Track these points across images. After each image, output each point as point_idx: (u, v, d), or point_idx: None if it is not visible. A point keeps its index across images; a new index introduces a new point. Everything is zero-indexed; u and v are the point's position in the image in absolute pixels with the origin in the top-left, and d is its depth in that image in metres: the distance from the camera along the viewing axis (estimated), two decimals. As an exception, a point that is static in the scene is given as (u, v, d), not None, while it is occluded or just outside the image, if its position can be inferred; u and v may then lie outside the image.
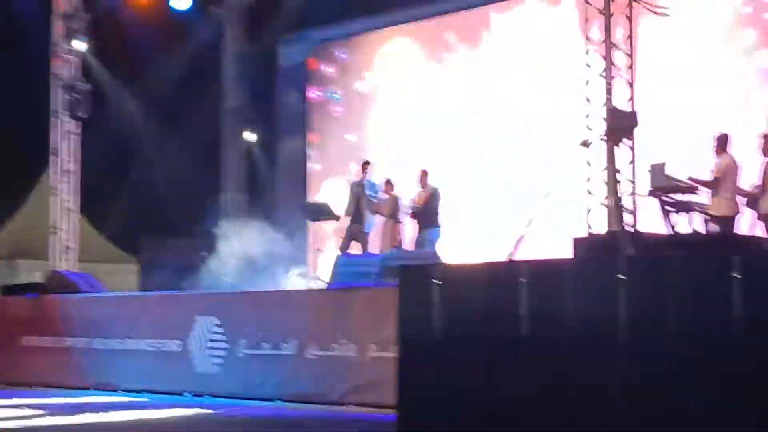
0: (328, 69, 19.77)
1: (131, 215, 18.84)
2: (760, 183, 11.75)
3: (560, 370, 6.39)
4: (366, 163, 15.26)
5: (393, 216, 14.66)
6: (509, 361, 6.63)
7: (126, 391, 12.28)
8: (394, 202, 14.77)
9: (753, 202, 11.82)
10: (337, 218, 14.97)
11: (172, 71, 18.40)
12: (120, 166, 18.95)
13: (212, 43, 19.65)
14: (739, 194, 11.83)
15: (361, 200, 14.83)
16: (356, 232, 14.86)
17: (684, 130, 13.59)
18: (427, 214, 14.29)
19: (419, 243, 14.14)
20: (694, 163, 12.18)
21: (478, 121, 16.98)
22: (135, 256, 19.22)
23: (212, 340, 11.77)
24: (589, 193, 10.89)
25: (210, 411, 10.35)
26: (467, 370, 6.77)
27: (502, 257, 8.79)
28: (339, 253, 14.07)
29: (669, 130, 12.01)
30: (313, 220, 14.84)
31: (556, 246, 8.11)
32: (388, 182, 14.96)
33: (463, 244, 14.97)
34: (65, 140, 17.23)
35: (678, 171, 11.96)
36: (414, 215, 14.42)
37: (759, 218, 11.72)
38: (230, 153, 19.95)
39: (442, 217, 14.31)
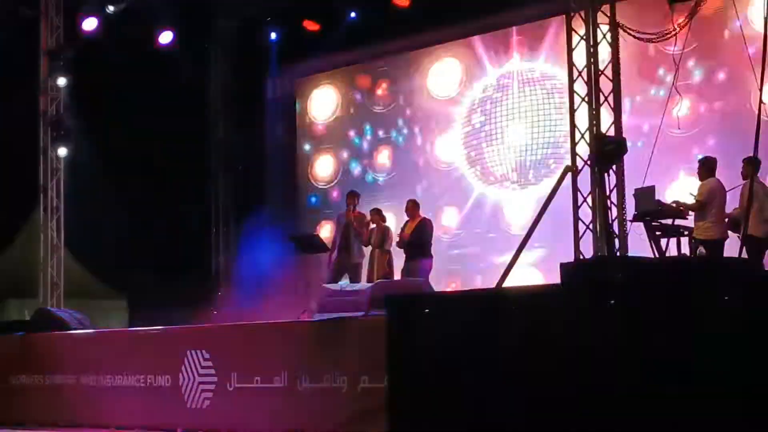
0: (315, 99, 19.82)
1: (120, 250, 18.79)
2: (738, 206, 11.82)
3: (551, 398, 6.36)
4: (351, 194, 15.26)
5: (382, 246, 14.67)
6: (499, 389, 6.60)
7: (118, 428, 12.19)
8: (383, 232, 14.77)
9: (735, 224, 11.89)
10: (326, 250, 14.97)
11: (156, 105, 18.42)
12: (107, 201, 18.92)
13: (198, 76, 19.69)
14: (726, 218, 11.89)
15: (348, 231, 14.83)
16: (345, 263, 14.85)
17: (672, 154, 13.66)
18: (415, 244, 14.30)
19: (407, 273, 14.13)
20: (683, 187, 12.26)
21: (466, 148, 17.05)
22: (123, 291, 19.17)
23: (202, 375, 11.70)
24: (579, 218, 10.89)
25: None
26: (457, 399, 6.74)
27: (492, 285, 8.80)
28: (327, 284, 14.05)
29: (657, 154, 12.07)
30: (302, 253, 14.82)
31: (546, 272, 8.11)
32: (377, 212, 14.97)
33: (456, 274, 15.00)
34: (53, 178, 17.23)
35: (666, 195, 12.03)
36: (400, 245, 14.44)
37: (740, 238, 11.76)
38: (218, 185, 19.94)
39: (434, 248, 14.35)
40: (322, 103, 19.70)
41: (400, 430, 7.01)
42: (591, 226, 10.74)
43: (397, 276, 14.41)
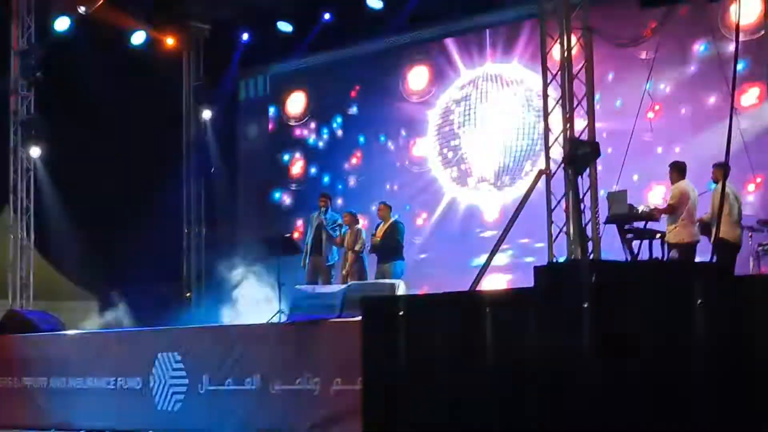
0: (289, 101, 19.76)
1: (90, 251, 18.66)
2: (709, 210, 11.91)
3: (527, 401, 6.35)
4: (324, 196, 15.27)
5: (354, 248, 14.67)
6: (475, 392, 6.58)
7: (88, 430, 12.11)
8: (356, 234, 14.77)
9: (706, 228, 11.98)
10: (299, 251, 14.94)
11: (129, 106, 18.31)
12: (77, 202, 18.79)
13: (171, 77, 19.60)
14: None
15: (319, 233, 14.82)
16: (318, 264, 14.84)
17: (646, 157, 13.74)
18: (388, 247, 14.31)
19: (380, 275, 14.14)
20: (654, 191, 12.34)
21: (437, 153, 17.06)
22: (94, 292, 19.04)
23: (174, 377, 11.65)
24: (552, 221, 10.93)
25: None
26: (432, 401, 6.72)
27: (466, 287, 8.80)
28: (301, 286, 14.02)
29: (631, 157, 12.14)
30: (275, 254, 14.77)
31: (520, 275, 8.12)
32: (350, 214, 14.97)
33: (429, 276, 15.01)
34: (23, 178, 17.11)
35: (638, 199, 12.09)
36: (373, 249, 14.45)
37: (712, 243, 11.84)
38: (191, 186, 19.84)
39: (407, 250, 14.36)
40: (295, 104, 19.65)
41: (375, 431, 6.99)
42: (564, 229, 10.77)
43: (371, 278, 14.41)
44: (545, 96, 11.10)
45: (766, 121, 13.69)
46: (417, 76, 17.95)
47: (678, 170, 12.22)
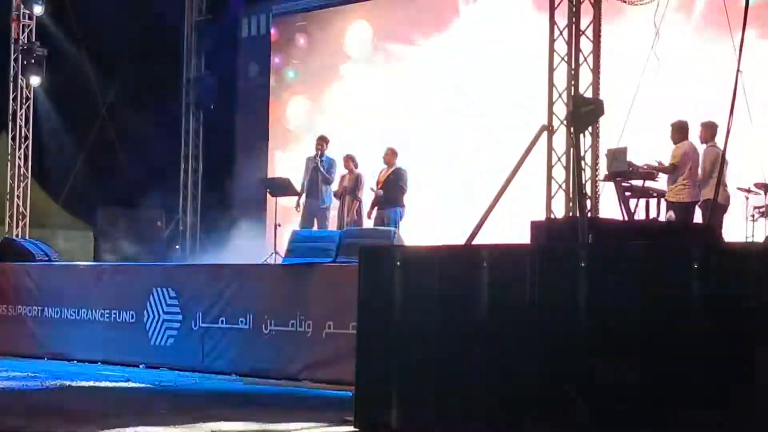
0: (292, 43, 19.62)
1: (87, 182, 18.70)
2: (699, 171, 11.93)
3: (520, 356, 6.43)
4: (321, 139, 15.17)
5: (353, 193, 14.65)
6: (468, 344, 6.66)
7: (80, 361, 12.21)
8: (356, 178, 14.74)
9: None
10: (298, 194, 14.94)
11: (130, 39, 18.22)
12: (76, 133, 18.77)
13: (173, 12, 19.45)
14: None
15: (316, 175, 14.78)
16: (313, 207, 14.83)
17: (648, 117, 13.69)
18: (389, 192, 14.29)
19: (379, 221, 14.16)
20: (656, 149, 12.31)
21: (444, 104, 16.96)
22: (90, 223, 19.09)
23: (168, 312, 11.73)
24: (552, 178, 10.95)
25: (164, 383, 10.32)
26: (426, 352, 6.80)
27: (463, 240, 8.83)
28: (297, 228, 14.06)
29: (633, 117, 12.10)
30: (274, 196, 14.78)
31: (518, 231, 8.14)
32: (349, 158, 14.92)
33: (426, 227, 14.99)
34: (22, 106, 17.07)
35: (638, 157, 12.08)
36: (375, 193, 14.41)
37: (699, 205, 11.90)
38: (189, 124, 19.79)
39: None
40: (297, 45, 19.50)
41: (367, 378, 7.07)
42: (563, 186, 10.79)
43: (368, 224, 14.43)
44: (551, 51, 11.06)
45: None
46: (419, 22, 17.77)
47: (680, 130, 12.21)
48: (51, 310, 12.90)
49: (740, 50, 9.13)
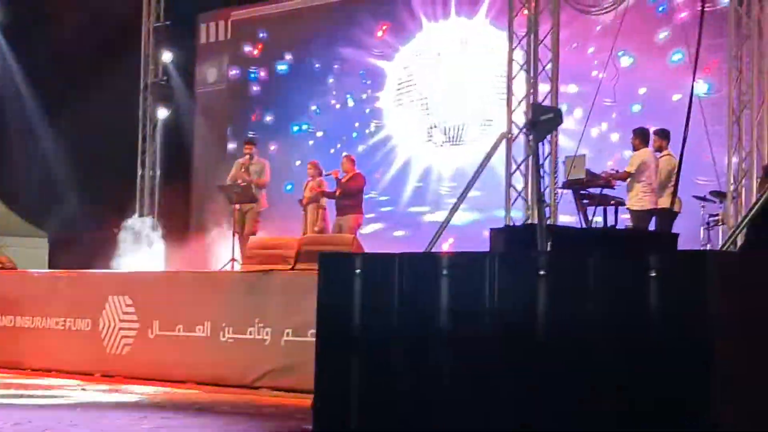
0: (249, 48, 19.56)
1: (42, 189, 18.50)
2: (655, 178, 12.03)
3: (479, 363, 6.42)
4: (248, 141, 15.09)
5: (317, 200, 14.61)
6: (427, 351, 6.64)
7: (34, 370, 12.06)
8: (319, 185, 14.71)
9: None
10: (256, 200, 14.83)
11: (86, 43, 18.06)
12: (30, 139, 18.57)
13: (130, 16, 19.30)
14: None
15: (248, 178, 14.60)
16: (246, 211, 14.61)
17: (605, 125, 13.80)
18: (347, 199, 14.29)
19: (338, 228, 14.14)
20: (614, 157, 12.40)
21: (404, 112, 16.97)
22: (45, 230, 18.89)
23: (124, 321, 11.61)
24: (511, 185, 10.99)
25: (119, 392, 10.21)
26: (385, 359, 6.77)
27: (423, 248, 8.84)
28: (235, 234, 14.03)
29: (590, 125, 12.18)
30: (231, 203, 14.68)
31: (478, 238, 8.17)
32: (314, 165, 14.89)
33: (386, 233, 15.01)
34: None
35: (596, 165, 12.16)
36: (332, 195, 14.35)
37: (655, 213, 11.99)
38: (147, 129, 19.63)
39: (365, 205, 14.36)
40: (254, 51, 19.43)
41: (326, 386, 7.03)
42: (523, 194, 10.83)
43: (330, 232, 14.39)
44: (510, 60, 11.09)
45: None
46: (378, 29, 17.80)
47: (641, 137, 12.28)
48: (4, 319, 12.73)
49: (695, 61, 9.23)
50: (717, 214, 12.43)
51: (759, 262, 6.33)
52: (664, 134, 12.13)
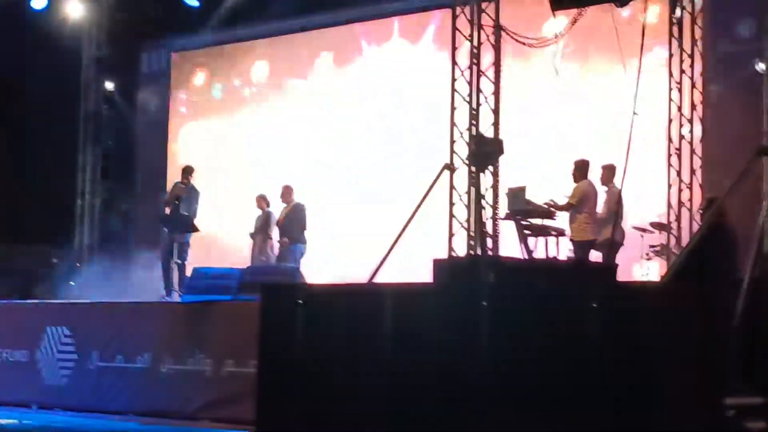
0: (191, 78, 19.48)
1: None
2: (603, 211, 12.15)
3: (421, 395, 6.43)
4: (186, 169, 14.96)
5: (265, 231, 14.52)
6: (370, 383, 6.64)
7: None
8: (267, 216, 14.62)
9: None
10: (197, 230, 14.69)
11: (28, 71, 17.88)
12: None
13: (72, 46, 19.15)
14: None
15: (179, 206, 14.47)
16: (176, 239, 14.47)
17: (546, 156, 13.89)
18: (288, 229, 14.24)
19: (281, 258, 14.08)
20: (556, 188, 12.47)
21: (342, 141, 16.96)
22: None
23: (62, 351, 11.46)
24: (453, 216, 11.00)
25: (57, 424, 10.06)
26: (328, 391, 6.76)
27: (365, 278, 8.83)
28: (164, 263, 13.92)
29: (532, 156, 12.29)
30: (171, 233, 14.51)
31: (420, 269, 8.17)
32: (262, 198, 14.80)
33: (328, 263, 14.96)
34: None
35: (538, 196, 12.24)
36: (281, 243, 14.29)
37: (598, 243, 12.08)
38: (87, 158, 19.46)
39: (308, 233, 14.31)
40: (196, 81, 19.36)
41: (268, 418, 7.00)
42: (465, 225, 10.85)
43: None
44: (453, 91, 11.14)
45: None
46: (321, 60, 17.80)
47: (581, 169, 12.39)
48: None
49: (635, 95, 9.38)
50: (657, 245, 12.55)
51: (684, 292, 6.46)
52: (609, 168, 12.24)
